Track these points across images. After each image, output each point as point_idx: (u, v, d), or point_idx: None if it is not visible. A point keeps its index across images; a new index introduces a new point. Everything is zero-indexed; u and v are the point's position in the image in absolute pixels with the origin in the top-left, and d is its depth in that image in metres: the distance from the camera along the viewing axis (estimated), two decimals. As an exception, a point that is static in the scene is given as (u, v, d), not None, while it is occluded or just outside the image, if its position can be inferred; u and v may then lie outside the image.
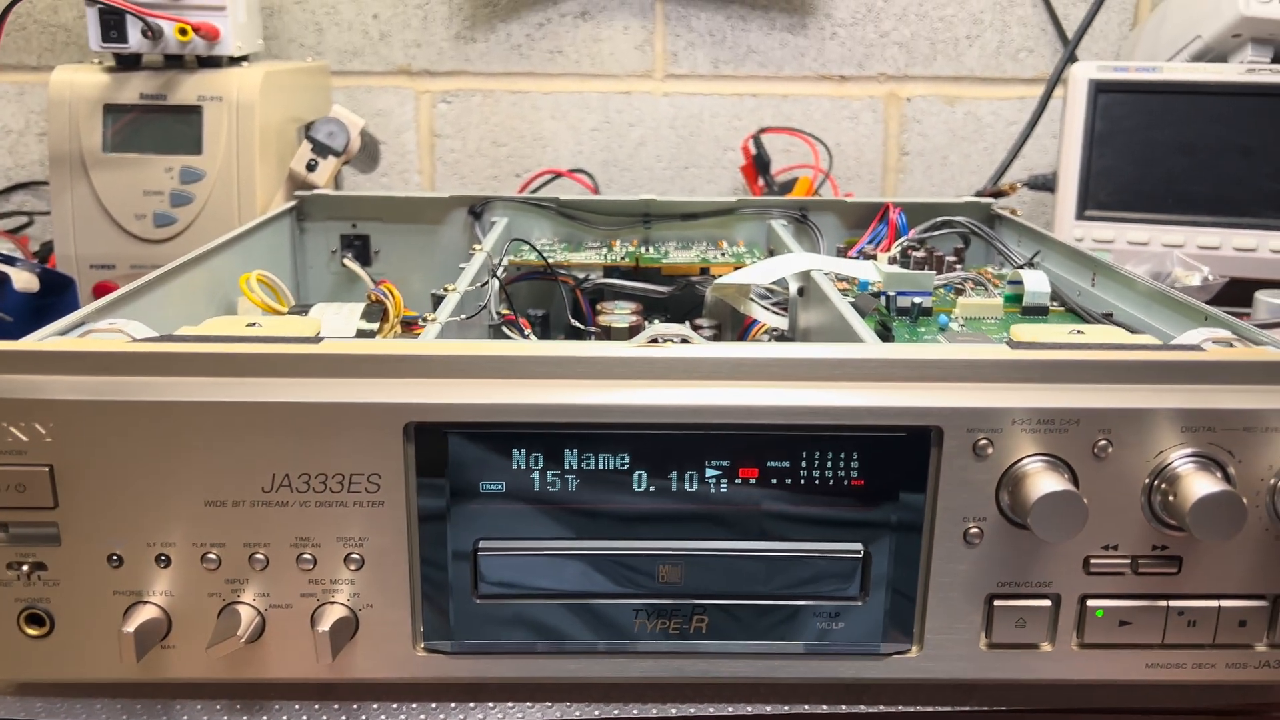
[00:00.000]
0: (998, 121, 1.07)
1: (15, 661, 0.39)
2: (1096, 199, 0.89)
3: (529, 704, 0.40)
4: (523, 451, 0.38)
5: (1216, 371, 0.38)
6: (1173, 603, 0.39)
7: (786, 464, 0.38)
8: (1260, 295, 0.78)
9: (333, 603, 0.38)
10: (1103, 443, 0.37)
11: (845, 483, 0.38)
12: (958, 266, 0.67)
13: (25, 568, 0.38)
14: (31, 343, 0.38)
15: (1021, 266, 0.64)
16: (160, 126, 0.79)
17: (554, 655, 0.40)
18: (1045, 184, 0.96)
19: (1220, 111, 0.86)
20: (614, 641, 0.39)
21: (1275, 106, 0.85)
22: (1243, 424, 0.37)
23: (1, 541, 0.38)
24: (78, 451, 0.37)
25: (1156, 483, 0.37)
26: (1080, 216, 0.89)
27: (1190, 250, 0.86)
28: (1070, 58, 1.01)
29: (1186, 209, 0.87)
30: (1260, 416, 0.37)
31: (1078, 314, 0.58)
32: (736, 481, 0.38)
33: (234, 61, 0.83)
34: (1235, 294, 0.81)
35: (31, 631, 0.38)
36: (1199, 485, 0.36)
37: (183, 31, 0.77)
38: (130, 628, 0.37)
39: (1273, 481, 0.37)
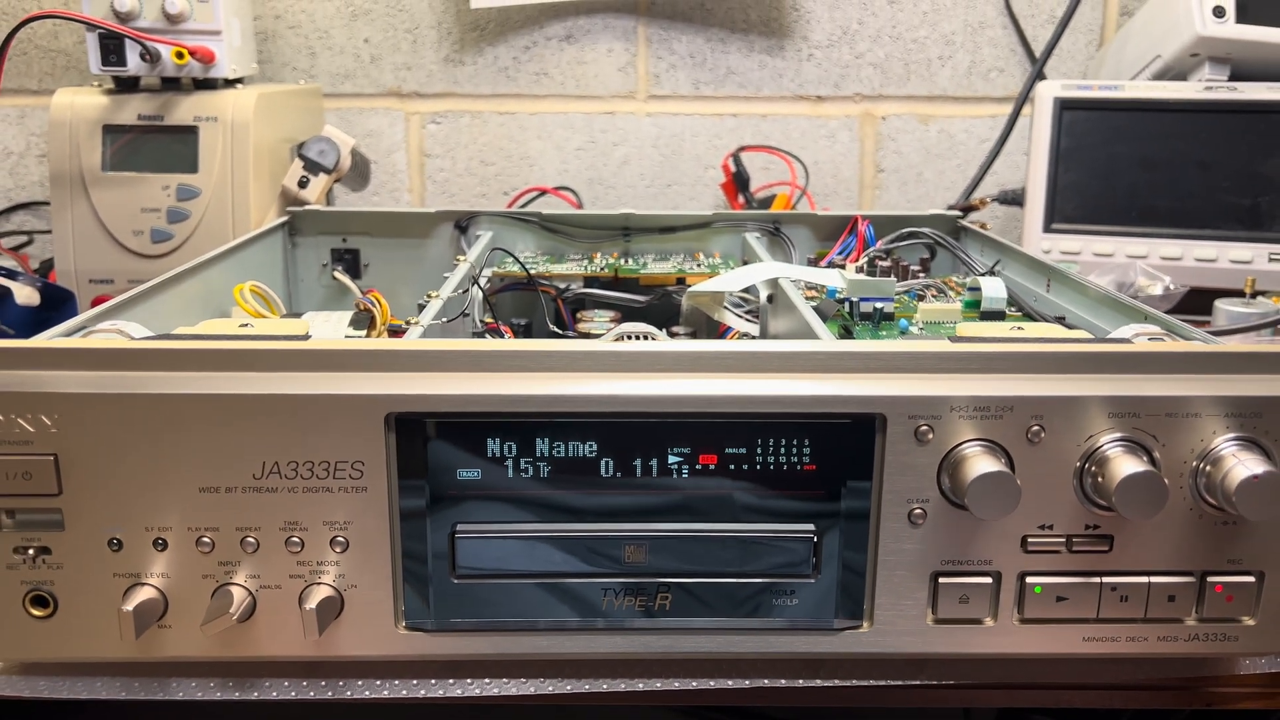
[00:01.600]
0: (970, 139, 1.10)
1: (21, 642, 0.41)
2: (1063, 213, 0.92)
3: (505, 680, 0.43)
4: (497, 440, 0.40)
5: (1141, 362, 0.40)
6: (1105, 579, 0.42)
7: (743, 450, 0.41)
8: (1220, 303, 0.81)
9: (319, 583, 0.41)
10: (1036, 428, 0.40)
11: (798, 467, 0.41)
12: (921, 275, 0.70)
13: (30, 551, 0.40)
14: (38, 340, 0.41)
15: (983, 275, 0.67)
16: (158, 146, 0.82)
17: (529, 632, 0.42)
18: (1015, 199, 0.99)
19: (1180, 128, 0.90)
20: (585, 619, 0.42)
21: (1232, 122, 0.89)
22: (1165, 410, 0.40)
23: (8, 527, 0.40)
24: (80, 442, 0.39)
25: (1087, 465, 0.40)
26: (1048, 229, 0.92)
27: (1153, 261, 0.89)
28: (1039, 76, 1.05)
29: (1149, 222, 0.90)
30: (1182, 403, 0.40)
31: (1032, 318, 0.60)
32: (697, 467, 0.41)
33: (229, 84, 0.86)
34: (1197, 303, 0.84)
35: (36, 613, 0.41)
36: (1125, 466, 0.39)
37: (180, 55, 0.80)
38: (129, 607, 0.39)
39: (1194, 464, 0.40)
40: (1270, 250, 0.87)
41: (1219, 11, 0.88)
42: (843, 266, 0.70)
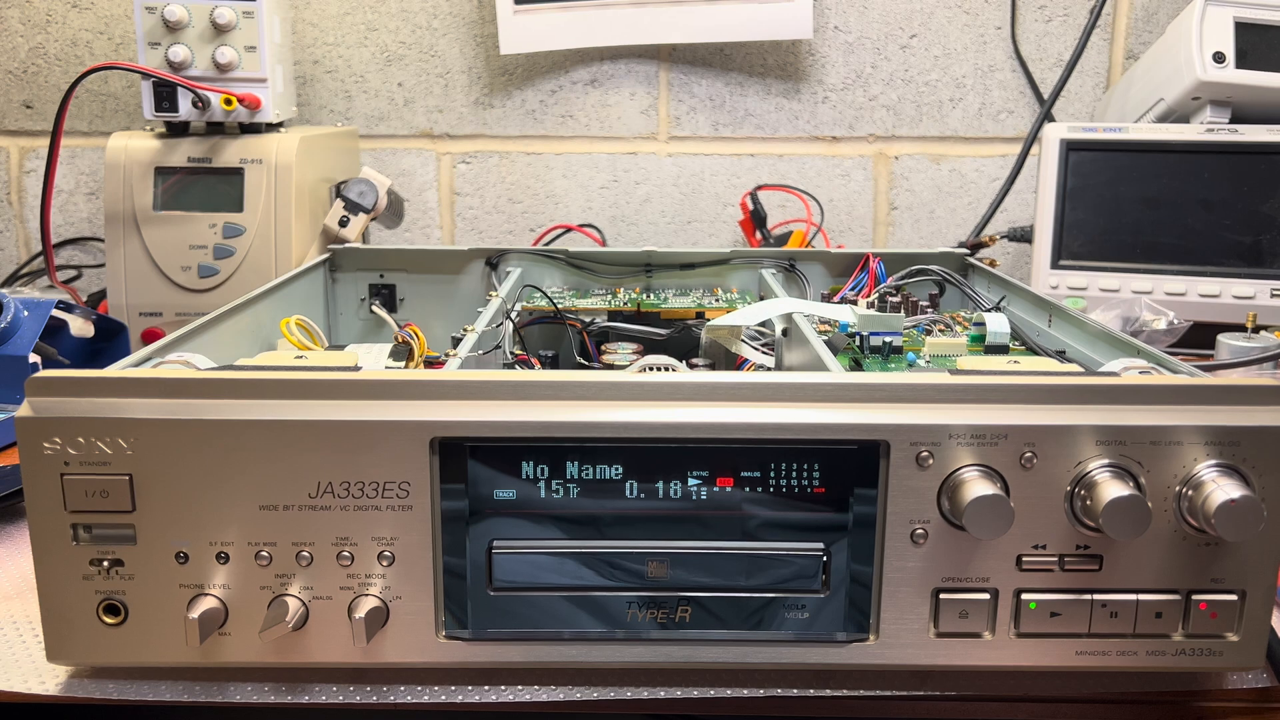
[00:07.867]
0: (981, 178, 1.14)
1: (94, 647, 0.45)
2: (1070, 249, 0.95)
3: (536, 686, 0.46)
4: (531, 463, 0.44)
5: (1127, 394, 0.44)
6: (1096, 596, 0.44)
7: (757, 474, 0.44)
8: (1222, 338, 0.84)
9: (367, 594, 0.44)
10: (1029, 454, 0.43)
11: (808, 490, 0.44)
12: (929, 310, 0.73)
13: (105, 564, 0.44)
14: (115, 371, 0.45)
15: (988, 310, 0.71)
16: (205, 187, 0.87)
17: (558, 641, 0.45)
18: (1024, 236, 1.03)
19: (1183, 168, 0.93)
20: (610, 630, 0.45)
21: (1233, 163, 0.92)
22: (1150, 439, 0.43)
23: (85, 541, 0.44)
24: (153, 463, 0.43)
25: (1077, 489, 0.43)
26: (1055, 266, 0.95)
27: (1158, 296, 0.92)
28: (1046, 118, 1.08)
29: (1153, 258, 0.93)
30: (1165, 432, 0.43)
31: (1034, 352, 0.64)
32: (715, 489, 0.44)
33: (272, 127, 0.91)
34: (1200, 337, 0.86)
35: (109, 620, 0.45)
36: (1111, 491, 0.42)
37: (228, 102, 0.85)
38: (194, 615, 0.43)
39: (1177, 488, 0.43)
40: (1272, 286, 0.90)
41: (1219, 57, 0.92)
42: (854, 302, 0.74)
